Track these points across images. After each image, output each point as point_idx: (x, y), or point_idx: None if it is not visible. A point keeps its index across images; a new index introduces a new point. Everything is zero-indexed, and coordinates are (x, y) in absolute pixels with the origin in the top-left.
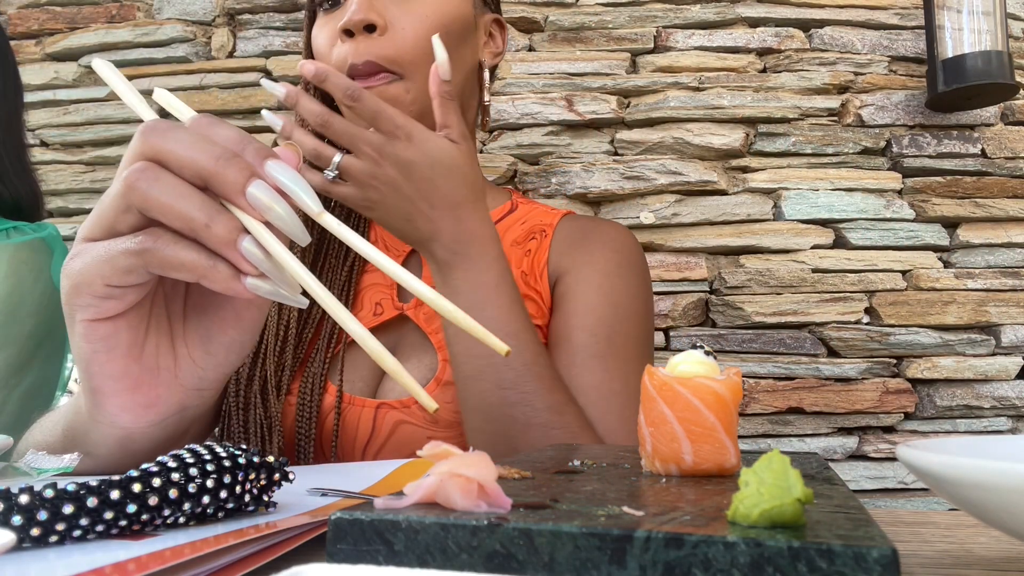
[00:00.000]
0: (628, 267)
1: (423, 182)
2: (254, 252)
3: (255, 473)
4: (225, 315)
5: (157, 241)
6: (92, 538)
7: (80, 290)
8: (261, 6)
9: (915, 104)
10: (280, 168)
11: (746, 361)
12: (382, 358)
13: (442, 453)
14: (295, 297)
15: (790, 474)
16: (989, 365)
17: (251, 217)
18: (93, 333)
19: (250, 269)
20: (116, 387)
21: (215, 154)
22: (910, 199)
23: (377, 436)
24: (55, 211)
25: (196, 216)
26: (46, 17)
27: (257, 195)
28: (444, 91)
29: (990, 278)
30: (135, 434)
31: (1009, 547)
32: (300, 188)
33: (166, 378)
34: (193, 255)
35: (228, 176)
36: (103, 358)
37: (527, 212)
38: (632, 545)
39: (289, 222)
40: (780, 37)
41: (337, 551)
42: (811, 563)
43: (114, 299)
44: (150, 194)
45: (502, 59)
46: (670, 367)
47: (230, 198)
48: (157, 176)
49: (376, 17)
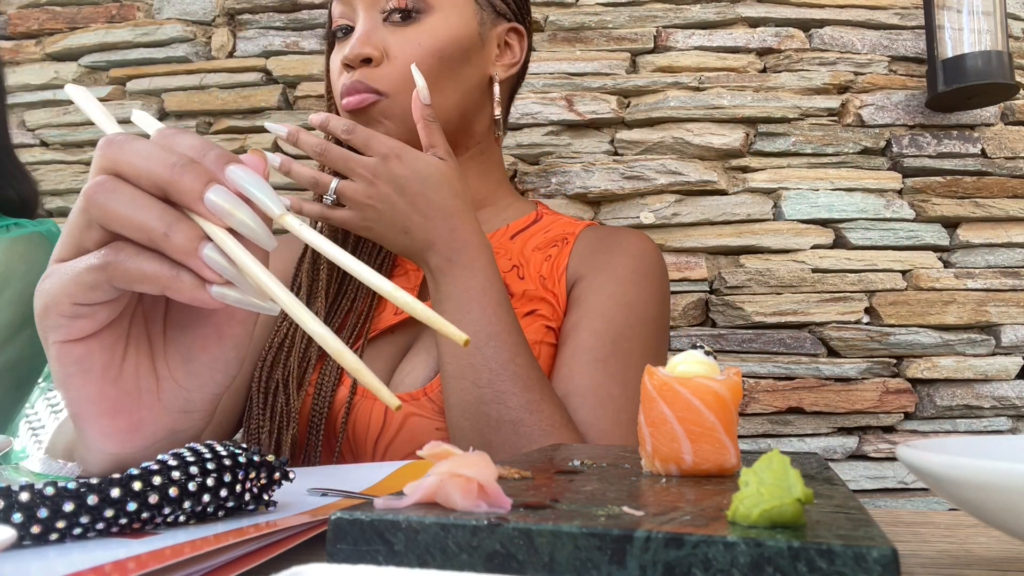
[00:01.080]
0: (644, 275)
1: (416, 196)
2: (216, 259)
3: (255, 472)
4: (206, 332)
5: (119, 254)
6: (92, 536)
7: (49, 311)
8: (261, 6)
9: (915, 104)
10: (241, 172)
11: (746, 361)
12: (342, 355)
13: (442, 453)
14: (265, 304)
15: (790, 474)
16: (989, 365)
17: (213, 224)
18: (67, 355)
19: (213, 277)
20: (94, 411)
21: (171, 162)
22: (910, 199)
23: (388, 429)
24: (55, 211)
25: (155, 226)
26: (46, 17)
27: (216, 201)
28: (426, 114)
29: (990, 278)
30: (125, 459)
31: (1009, 547)
32: (259, 190)
33: (148, 401)
34: (155, 266)
35: (184, 183)
36: (78, 381)
37: (552, 222)
38: (632, 545)
39: (253, 227)
40: (780, 37)
41: (337, 551)
42: (811, 563)
43: (84, 318)
44: (109, 207)
45: (520, 67)
46: (670, 367)
47: (189, 205)
48: (115, 188)
49: (371, 51)
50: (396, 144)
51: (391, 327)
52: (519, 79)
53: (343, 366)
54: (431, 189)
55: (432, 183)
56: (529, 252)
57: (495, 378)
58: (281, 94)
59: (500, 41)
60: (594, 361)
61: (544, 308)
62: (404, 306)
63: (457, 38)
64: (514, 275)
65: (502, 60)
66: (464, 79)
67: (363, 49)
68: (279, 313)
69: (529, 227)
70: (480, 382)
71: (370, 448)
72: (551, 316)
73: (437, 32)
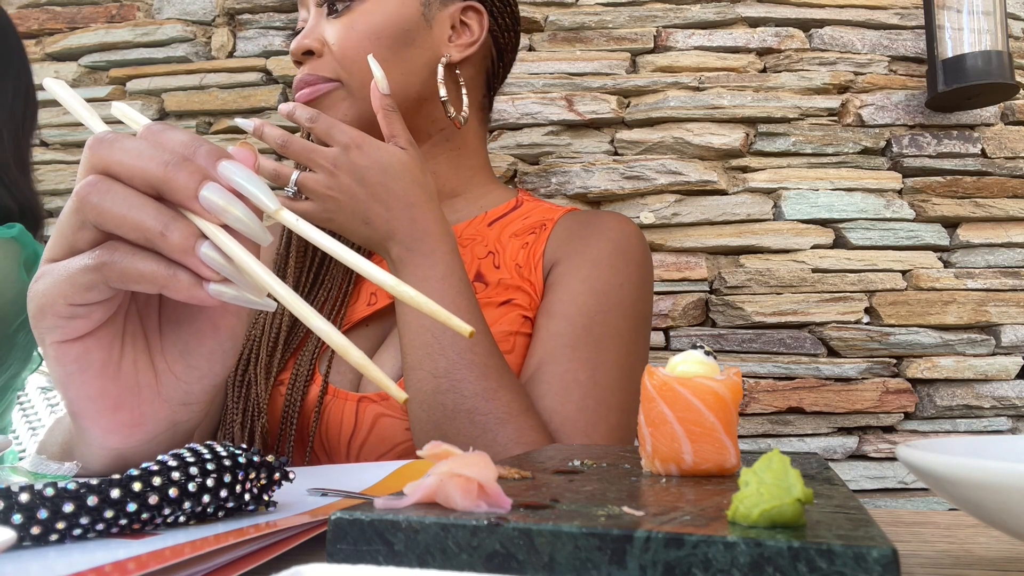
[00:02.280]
0: (621, 256)
1: (377, 186)
2: (213, 257)
3: (255, 472)
4: (202, 325)
5: (114, 254)
6: (92, 537)
7: (44, 312)
8: (261, 6)
9: (915, 104)
10: (233, 168)
11: (746, 361)
12: (347, 352)
13: (442, 453)
14: (261, 300)
15: (790, 474)
16: (989, 365)
17: (208, 222)
18: (64, 355)
19: (211, 275)
20: (96, 408)
21: (164, 160)
22: (910, 199)
23: (360, 430)
24: (55, 211)
25: (151, 225)
26: (46, 17)
27: (210, 198)
28: (386, 104)
29: (990, 278)
30: (127, 453)
31: (1009, 547)
32: (255, 186)
33: (148, 395)
34: (152, 265)
35: (179, 181)
36: (78, 379)
37: (532, 209)
38: (632, 545)
39: (248, 223)
40: (780, 37)
41: (337, 551)
42: (811, 563)
43: (80, 318)
44: (102, 207)
45: (480, 47)
46: (670, 367)
47: (184, 204)
48: (108, 188)
49: (311, 43)
50: (357, 134)
51: (364, 319)
52: (497, 63)
53: (349, 361)
54: (392, 179)
55: (393, 173)
56: (506, 239)
57: (452, 367)
58: (281, 94)
59: (454, 21)
60: (563, 347)
61: (520, 297)
62: (409, 300)
63: (395, 20)
64: (490, 263)
65: (457, 40)
66: (409, 61)
67: (303, 42)
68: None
69: (508, 214)
70: (437, 371)
71: (343, 448)
72: (527, 305)
73: (371, 16)
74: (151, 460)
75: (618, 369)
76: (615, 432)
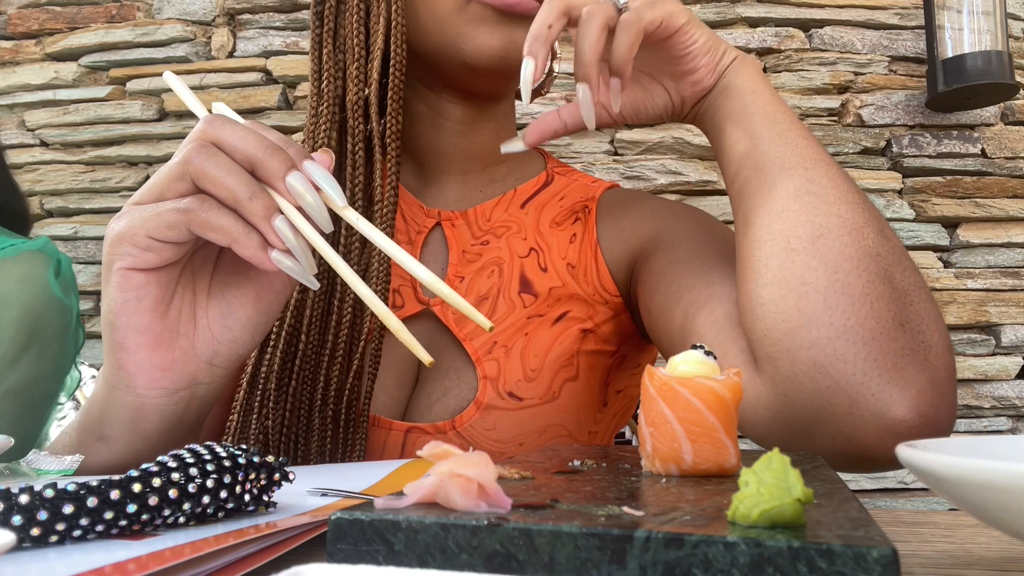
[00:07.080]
0: (683, 206)
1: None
2: (284, 230)
3: (255, 473)
4: (247, 292)
5: (203, 204)
6: (92, 538)
7: (123, 239)
8: (261, 6)
9: (915, 104)
10: (315, 167)
11: None
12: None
13: (442, 453)
14: (309, 278)
15: (790, 474)
16: (989, 365)
17: (287, 201)
18: (127, 282)
19: (278, 243)
20: (138, 341)
21: (264, 144)
22: (910, 199)
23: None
24: (55, 211)
25: (241, 190)
26: (46, 17)
27: (294, 184)
28: None
29: (990, 278)
30: (147, 407)
31: (1009, 547)
32: (330, 185)
33: (184, 344)
34: (231, 222)
35: (272, 164)
36: (132, 308)
37: (565, 185)
38: (632, 545)
39: (317, 210)
40: (780, 37)
41: (337, 551)
42: (811, 563)
43: (152, 252)
44: (206, 167)
45: None
46: (670, 367)
47: (271, 183)
48: (214, 153)
49: None
50: None
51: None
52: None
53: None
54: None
55: None
56: (546, 229)
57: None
58: (281, 94)
59: None
60: (700, 264)
61: (576, 308)
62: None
63: None
64: (534, 264)
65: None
66: None
67: None
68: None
69: (540, 191)
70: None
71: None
72: (585, 316)
73: None
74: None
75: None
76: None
